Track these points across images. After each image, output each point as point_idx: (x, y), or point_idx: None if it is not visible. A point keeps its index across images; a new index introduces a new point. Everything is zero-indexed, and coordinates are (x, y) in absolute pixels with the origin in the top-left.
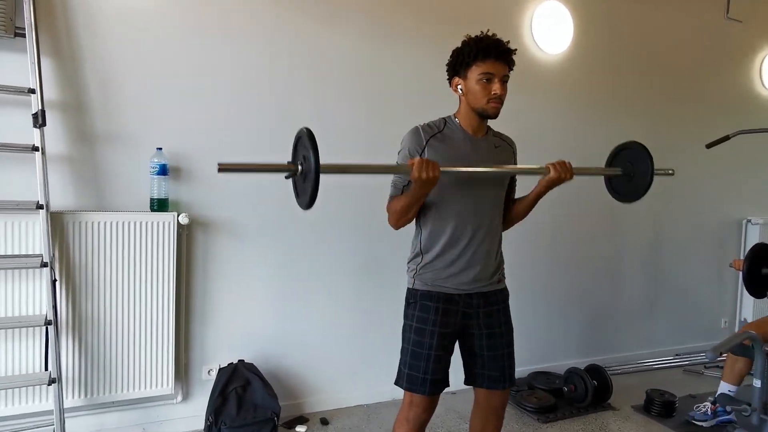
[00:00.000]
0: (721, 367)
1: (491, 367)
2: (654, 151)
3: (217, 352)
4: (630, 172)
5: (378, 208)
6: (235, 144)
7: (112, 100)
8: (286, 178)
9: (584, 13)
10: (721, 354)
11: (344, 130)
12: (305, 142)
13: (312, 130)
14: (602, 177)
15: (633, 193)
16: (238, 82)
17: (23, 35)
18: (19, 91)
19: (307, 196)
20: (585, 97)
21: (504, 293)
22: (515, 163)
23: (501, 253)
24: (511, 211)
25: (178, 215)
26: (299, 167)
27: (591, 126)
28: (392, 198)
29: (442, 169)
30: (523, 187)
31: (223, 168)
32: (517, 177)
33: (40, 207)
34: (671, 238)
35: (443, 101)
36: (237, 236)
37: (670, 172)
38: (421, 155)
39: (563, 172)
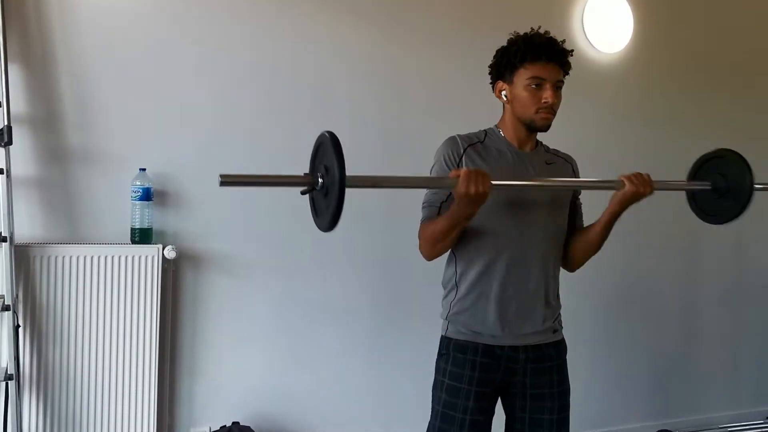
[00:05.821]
0: None
1: None
2: None
3: (208, 412)
4: (721, 187)
5: (402, 235)
6: (230, 165)
7: (89, 115)
8: (302, 193)
9: (646, 3)
10: None
11: (357, 153)
12: (328, 149)
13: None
14: (680, 196)
15: (726, 212)
16: (233, 95)
17: None
18: None
19: (329, 214)
20: (649, 103)
21: (560, 346)
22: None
23: (558, 296)
24: (578, 241)
25: (163, 248)
26: (319, 180)
27: (658, 137)
28: (427, 220)
29: (494, 183)
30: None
31: (227, 181)
32: (582, 201)
33: (3, 240)
34: (759, 277)
35: (483, 110)
36: (232, 273)
37: None
38: (457, 167)
39: (641, 186)
